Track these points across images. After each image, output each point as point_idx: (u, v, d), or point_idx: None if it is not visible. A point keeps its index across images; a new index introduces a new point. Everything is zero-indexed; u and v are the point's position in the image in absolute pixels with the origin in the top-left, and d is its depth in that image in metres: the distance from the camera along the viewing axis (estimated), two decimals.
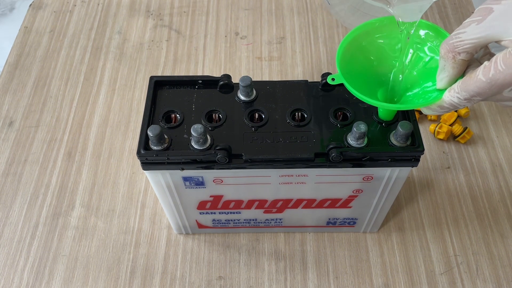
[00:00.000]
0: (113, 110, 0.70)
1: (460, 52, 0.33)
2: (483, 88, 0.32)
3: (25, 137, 0.67)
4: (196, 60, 0.76)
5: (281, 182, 0.46)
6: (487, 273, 0.55)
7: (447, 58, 0.34)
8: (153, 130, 0.41)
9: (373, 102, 0.38)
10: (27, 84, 0.73)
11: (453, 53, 0.34)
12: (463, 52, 0.33)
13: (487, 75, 0.32)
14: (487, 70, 0.32)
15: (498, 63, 0.31)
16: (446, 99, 0.36)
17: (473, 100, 0.34)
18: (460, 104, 0.35)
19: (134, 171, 0.63)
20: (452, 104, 0.35)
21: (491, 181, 0.62)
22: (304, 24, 0.80)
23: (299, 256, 0.56)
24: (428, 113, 0.39)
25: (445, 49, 0.34)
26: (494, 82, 0.31)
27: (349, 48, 0.41)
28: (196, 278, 0.55)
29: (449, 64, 0.35)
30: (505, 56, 0.31)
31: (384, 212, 0.53)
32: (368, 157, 0.42)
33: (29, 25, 0.81)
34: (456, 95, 0.35)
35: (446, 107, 0.36)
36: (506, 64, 0.31)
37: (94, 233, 0.58)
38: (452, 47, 0.34)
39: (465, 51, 0.33)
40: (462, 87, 0.34)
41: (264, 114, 0.45)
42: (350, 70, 0.41)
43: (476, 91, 0.33)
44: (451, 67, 0.35)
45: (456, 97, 0.35)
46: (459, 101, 0.35)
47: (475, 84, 0.33)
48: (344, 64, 0.41)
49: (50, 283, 0.54)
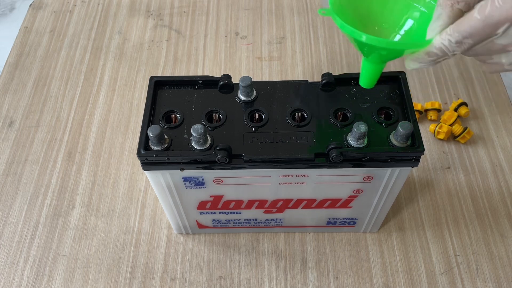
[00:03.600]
0: (113, 110, 0.70)
1: (459, 1, 0.33)
2: (477, 28, 0.32)
3: (25, 137, 0.67)
4: (196, 60, 0.76)
5: (281, 182, 0.46)
6: (487, 273, 0.55)
7: (445, 6, 0.34)
8: (153, 130, 0.41)
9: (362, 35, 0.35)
10: (27, 84, 0.73)
11: (452, 1, 0.34)
12: (462, 1, 0.33)
13: (483, 13, 0.32)
14: (483, 8, 0.32)
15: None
16: (436, 42, 0.35)
17: (464, 43, 0.33)
18: (449, 49, 0.34)
19: (134, 171, 0.63)
20: (441, 48, 0.34)
21: (491, 181, 0.62)
22: (304, 24, 0.80)
23: (299, 256, 0.56)
24: (413, 65, 0.37)
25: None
26: (490, 19, 0.31)
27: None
28: (196, 278, 0.55)
29: (445, 13, 0.34)
30: None
31: (384, 212, 0.53)
32: (368, 157, 0.42)
33: (29, 25, 0.81)
34: (447, 37, 0.34)
35: (434, 53, 0.35)
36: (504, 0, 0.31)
37: (94, 233, 0.58)
38: None
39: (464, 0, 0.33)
40: (455, 28, 0.33)
41: (264, 114, 0.45)
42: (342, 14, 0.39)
43: (469, 31, 0.32)
44: (447, 16, 0.34)
45: (448, 40, 0.34)
46: (449, 44, 0.34)
47: (469, 23, 0.32)
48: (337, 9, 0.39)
49: (50, 283, 0.54)
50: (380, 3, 0.42)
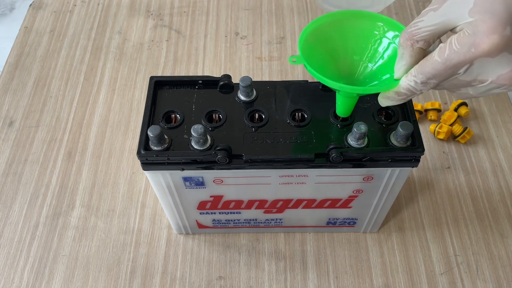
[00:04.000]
0: (113, 110, 0.70)
1: (418, 40, 0.34)
2: (439, 70, 0.33)
3: (25, 137, 0.67)
4: (196, 60, 0.76)
5: (281, 182, 0.46)
6: (487, 273, 0.55)
7: (405, 46, 0.35)
8: (153, 130, 0.41)
9: (331, 83, 0.38)
10: (27, 84, 0.73)
11: (411, 41, 0.34)
12: (421, 40, 0.34)
13: (443, 56, 0.32)
14: (443, 51, 0.32)
15: (453, 43, 0.32)
16: (403, 84, 0.36)
17: (429, 83, 0.34)
18: (416, 89, 0.35)
19: (134, 171, 0.63)
20: (409, 88, 0.36)
21: (491, 181, 0.62)
22: (304, 24, 0.80)
23: (299, 256, 0.56)
24: (385, 103, 0.38)
25: (404, 38, 0.35)
26: (449, 62, 0.32)
27: (312, 35, 0.41)
28: (196, 278, 0.55)
29: (407, 52, 0.35)
30: (459, 36, 0.32)
31: (384, 212, 0.53)
32: (368, 157, 0.42)
33: (29, 25, 0.81)
34: (413, 78, 0.35)
35: (402, 93, 0.36)
36: (461, 44, 0.31)
37: (94, 233, 0.58)
38: (411, 35, 0.34)
39: (423, 39, 0.34)
40: (418, 69, 0.34)
41: (264, 114, 0.45)
42: (312, 58, 0.40)
43: (432, 72, 0.33)
44: (409, 55, 0.35)
45: (413, 81, 0.35)
46: (415, 84, 0.35)
47: (431, 65, 0.33)
48: (306, 51, 0.40)
49: (50, 283, 0.54)
50: (347, 39, 0.42)
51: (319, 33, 0.41)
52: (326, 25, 0.42)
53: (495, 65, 0.32)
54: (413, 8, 0.82)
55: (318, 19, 0.41)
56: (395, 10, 0.81)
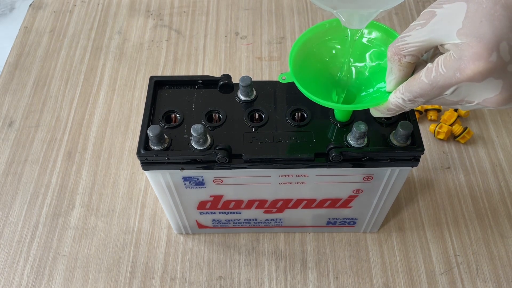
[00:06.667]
0: (113, 110, 0.70)
1: (405, 55, 0.34)
2: (425, 90, 0.33)
3: (25, 137, 0.67)
4: (196, 60, 0.76)
5: (281, 182, 0.46)
6: (487, 273, 0.55)
7: (393, 60, 0.35)
8: (153, 130, 0.41)
9: (323, 102, 0.38)
10: (27, 84, 0.73)
11: (399, 56, 0.34)
12: (408, 55, 0.34)
13: (429, 77, 0.32)
14: (429, 72, 0.32)
15: (439, 65, 0.32)
16: (392, 100, 0.36)
17: (416, 101, 0.34)
18: (405, 106, 0.35)
19: (134, 171, 0.63)
20: (397, 105, 0.36)
21: (491, 181, 0.62)
22: (304, 24, 0.80)
23: (299, 256, 0.56)
24: (377, 114, 0.38)
25: (391, 52, 0.35)
26: (436, 84, 0.32)
27: (302, 49, 0.41)
28: (196, 278, 0.55)
29: (395, 67, 0.35)
30: (446, 59, 0.31)
31: (384, 212, 0.53)
32: (368, 157, 0.42)
33: (29, 25, 0.81)
34: (400, 96, 0.35)
35: (392, 109, 0.36)
36: (447, 67, 0.31)
37: (94, 233, 0.58)
38: (398, 50, 0.34)
39: (410, 54, 0.34)
40: (406, 87, 0.34)
41: (264, 114, 0.45)
42: (304, 71, 0.40)
43: (419, 92, 0.33)
44: (398, 70, 0.35)
45: (401, 98, 0.35)
46: (403, 102, 0.35)
47: (418, 85, 0.33)
48: (298, 65, 0.40)
49: (50, 283, 0.54)
50: (333, 47, 0.42)
51: (308, 45, 0.42)
52: (314, 37, 0.42)
53: (481, 89, 0.31)
54: (413, 8, 0.82)
55: (304, 34, 0.41)
56: (395, 10, 0.81)
